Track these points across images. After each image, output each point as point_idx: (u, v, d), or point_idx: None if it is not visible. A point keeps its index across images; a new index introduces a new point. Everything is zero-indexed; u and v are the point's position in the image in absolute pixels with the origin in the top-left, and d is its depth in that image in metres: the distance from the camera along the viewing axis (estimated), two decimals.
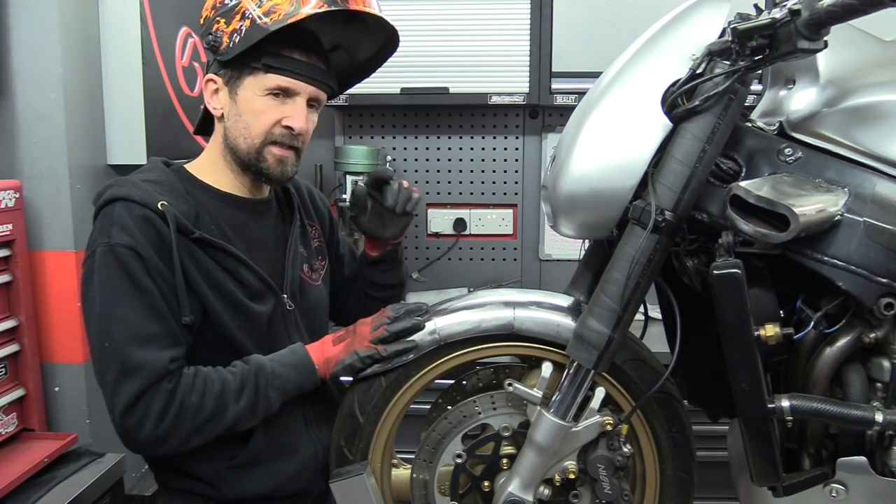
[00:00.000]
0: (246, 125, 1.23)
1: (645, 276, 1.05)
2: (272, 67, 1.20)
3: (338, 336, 1.24)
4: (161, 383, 1.11)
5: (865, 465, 1.03)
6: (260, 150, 1.24)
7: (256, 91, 1.22)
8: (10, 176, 1.51)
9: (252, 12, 1.17)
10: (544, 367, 1.16)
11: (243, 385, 1.16)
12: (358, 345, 1.20)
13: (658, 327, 1.26)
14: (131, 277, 1.12)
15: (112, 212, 1.15)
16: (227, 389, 1.15)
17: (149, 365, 1.10)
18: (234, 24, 1.18)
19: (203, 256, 1.19)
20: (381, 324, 1.21)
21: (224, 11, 1.20)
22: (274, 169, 1.25)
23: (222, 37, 1.19)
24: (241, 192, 1.30)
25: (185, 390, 1.13)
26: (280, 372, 1.19)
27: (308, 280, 1.38)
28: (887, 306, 0.99)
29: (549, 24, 2.35)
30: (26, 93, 1.50)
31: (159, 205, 1.15)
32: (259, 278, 1.25)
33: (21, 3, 1.48)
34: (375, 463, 1.25)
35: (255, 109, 1.22)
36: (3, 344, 1.49)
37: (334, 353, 1.21)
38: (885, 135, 1.03)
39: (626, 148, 1.06)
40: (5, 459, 1.47)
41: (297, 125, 1.23)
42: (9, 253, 1.49)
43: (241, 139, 1.24)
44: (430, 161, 2.67)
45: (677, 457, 1.21)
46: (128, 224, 1.13)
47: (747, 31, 0.96)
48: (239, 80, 1.23)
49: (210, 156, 1.31)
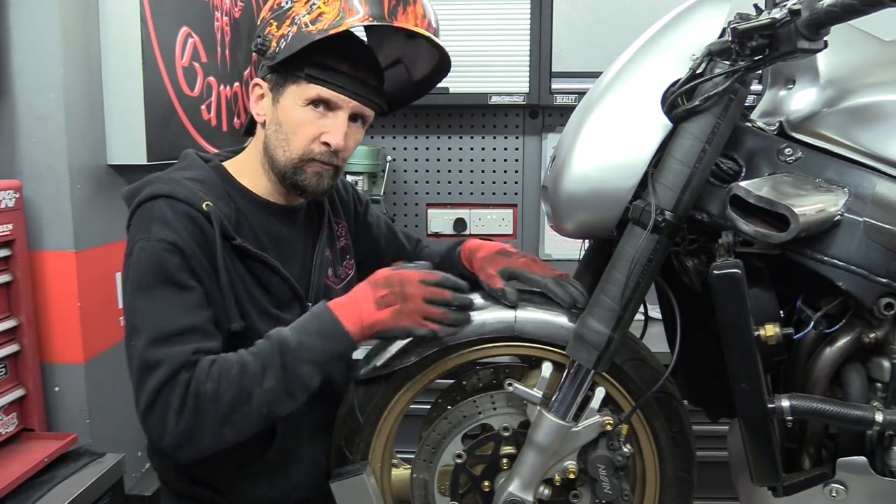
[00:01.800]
0: (286, 137, 1.20)
1: (645, 276, 1.05)
2: (314, 78, 1.17)
3: (381, 296, 1.10)
4: (179, 375, 1.04)
5: (865, 465, 1.03)
6: (299, 165, 1.21)
7: (297, 101, 1.18)
8: (10, 176, 1.51)
9: (300, 18, 1.14)
10: (544, 367, 1.16)
11: (266, 365, 1.06)
12: (409, 319, 1.09)
13: (658, 327, 1.26)
14: (166, 273, 1.08)
15: (153, 208, 1.11)
16: (246, 372, 1.06)
17: (168, 359, 1.04)
18: (283, 28, 1.16)
19: (238, 263, 1.17)
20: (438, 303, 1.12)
21: (278, 14, 1.17)
22: (310, 181, 1.22)
23: (271, 41, 1.17)
24: (276, 198, 1.28)
25: (200, 377, 1.05)
26: (307, 342, 1.08)
27: (331, 284, 1.36)
28: (887, 306, 0.99)
29: (549, 24, 2.35)
30: (26, 93, 1.50)
31: (204, 205, 1.12)
32: (289, 287, 1.23)
33: (21, 3, 1.48)
34: (375, 463, 1.25)
35: (294, 120, 1.19)
36: (3, 344, 1.49)
37: (380, 319, 1.10)
38: (885, 135, 1.04)
39: (626, 148, 1.06)
40: (5, 459, 1.47)
41: (335, 141, 1.19)
42: (9, 253, 1.48)
43: (279, 151, 1.21)
44: (430, 161, 2.67)
45: (677, 457, 1.21)
46: (169, 220, 1.10)
47: (747, 31, 0.96)
48: (282, 87, 1.20)
49: (249, 159, 1.28)
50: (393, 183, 2.66)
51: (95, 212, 1.61)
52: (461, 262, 1.37)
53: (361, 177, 2.40)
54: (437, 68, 1.34)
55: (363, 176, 2.40)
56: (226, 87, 2.11)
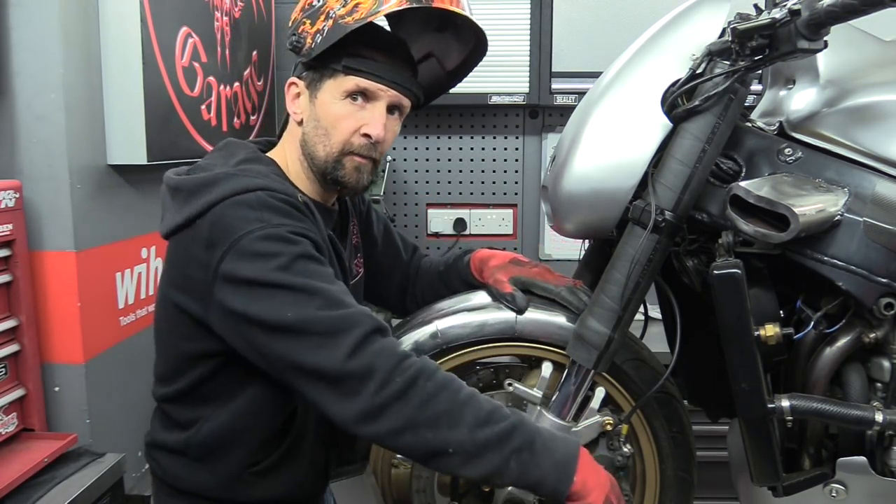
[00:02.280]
0: (325, 132, 1.19)
1: (645, 276, 1.05)
2: (351, 69, 1.16)
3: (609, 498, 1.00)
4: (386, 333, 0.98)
5: (865, 465, 1.03)
6: (339, 159, 1.19)
7: (335, 94, 1.17)
8: (10, 176, 1.50)
9: (335, 12, 1.13)
10: (544, 367, 1.16)
11: (494, 419, 0.97)
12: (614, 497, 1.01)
13: (658, 327, 1.26)
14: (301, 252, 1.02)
15: (252, 200, 1.05)
16: (472, 406, 0.96)
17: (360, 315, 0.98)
18: (318, 24, 1.15)
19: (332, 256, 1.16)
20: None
21: (311, 13, 1.17)
22: (351, 176, 1.20)
23: (306, 38, 1.16)
24: (318, 198, 1.26)
25: (425, 371, 0.96)
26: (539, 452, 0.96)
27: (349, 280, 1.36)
28: (887, 306, 0.99)
29: (549, 24, 2.35)
30: (26, 93, 1.50)
31: (299, 197, 1.11)
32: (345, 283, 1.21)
33: (21, 3, 1.48)
34: (375, 463, 1.25)
35: (333, 115, 1.18)
36: (3, 344, 1.48)
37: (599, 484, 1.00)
38: (885, 135, 1.04)
39: (626, 148, 1.06)
40: (5, 459, 1.46)
41: (375, 132, 1.17)
42: (9, 253, 1.48)
43: (319, 146, 1.20)
44: (430, 161, 2.67)
45: (677, 457, 1.21)
46: (282, 209, 1.05)
47: (747, 31, 0.96)
48: (319, 82, 1.19)
49: (289, 157, 1.26)
50: (393, 183, 2.66)
51: (95, 212, 1.61)
52: (470, 272, 1.37)
53: None
54: (472, 54, 1.34)
55: None
56: (226, 87, 2.11)
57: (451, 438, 0.95)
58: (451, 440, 0.95)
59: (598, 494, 0.99)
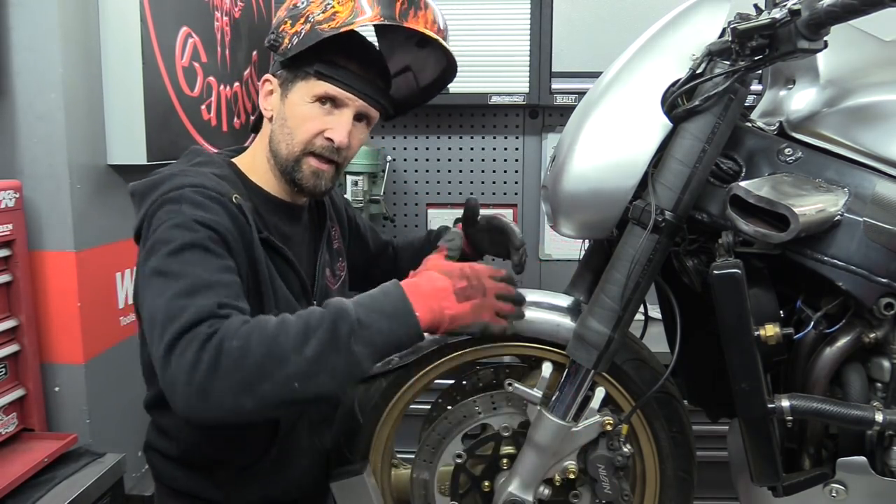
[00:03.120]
0: (290, 131, 1.21)
1: (645, 276, 1.05)
2: (323, 74, 1.18)
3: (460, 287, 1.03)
4: (200, 326, 0.93)
5: (865, 465, 1.03)
6: (299, 158, 1.21)
7: (305, 97, 1.20)
8: (10, 176, 1.51)
9: (314, 17, 1.16)
10: (544, 367, 1.16)
11: (312, 328, 0.93)
12: (488, 314, 1.04)
13: (658, 327, 1.26)
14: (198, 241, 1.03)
15: (181, 196, 1.07)
16: (285, 332, 0.93)
17: (191, 308, 0.94)
18: (297, 26, 1.17)
19: (264, 257, 1.17)
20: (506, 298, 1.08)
21: (294, 13, 1.19)
22: (308, 181, 1.22)
23: (284, 37, 1.19)
24: (283, 196, 1.29)
25: (227, 333, 0.92)
26: (370, 320, 0.96)
27: (329, 284, 1.37)
28: (887, 306, 0.99)
29: (549, 24, 2.35)
30: (26, 93, 1.50)
31: (234, 197, 1.12)
32: (301, 284, 1.24)
33: (21, 3, 1.48)
34: (375, 463, 1.25)
35: (299, 115, 1.20)
36: (3, 344, 1.49)
37: (460, 313, 1.02)
38: (885, 135, 1.04)
39: (626, 148, 1.06)
40: (5, 459, 1.47)
41: (338, 138, 1.20)
42: (9, 253, 1.48)
43: (283, 144, 1.22)
44: (430, 161, 2.67)
45: (677, 457, 1.21)
46: (202, 203, 1.07)
47: (747, 31, 0.96)
48: (292, 83, 1.21)
49: (257, 155, 1.28)
50: (393, 183, 2.66)
51: (95, 212, 1.61)
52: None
53: (361, 177, 2.40)
54: (444, 74, 1.36)
55: (363, 176, 2.40)
56: (226, 87, 2.11)
57: (287, 374, 0.91)
58: (288, 375, 0.91)
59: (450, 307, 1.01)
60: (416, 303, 0.99)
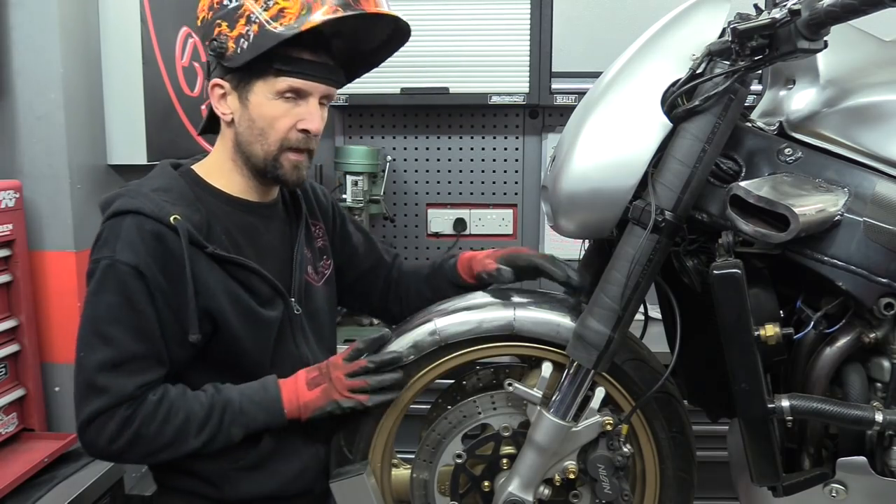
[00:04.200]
0: (261, 131, 1.21)
1: (645, 276, 1.05)
2: (283, 70, 1.17)
3: (311, 378, 1.20)
4: (118, 409, 1.12)
5: (865, 465, 1.03)
6: (277, 156, 1.22)
7: (268, 95, 1.19)
8: (10, 176, 1.51)
9: (258, 16, 1.13)
10: (544, 367, 1.16)
11: (207, 419, 1.16)
12: (336, 394, 1.18)
13: (658, 327, 1.26)
14: (127, 297, 1.12)
15: (121, 225, 1.13)
16: (190, 422, 1.15)
17: (114, 389, 1.11)
18: (238, 28, 1.15)
19: (215, 268, 1.17)
20: (358, 373, 1.18)
21: (224, 14, 1.17)
22: (290, 175, 1.24)
23: (227, 42, 1.16)
24: (251, 195, 1.28)
25: (145, 419, 1.13)
26: (248, 409, 1.17)
27: (311, 282, 1.36)
28: (887, 306, 0.99)
29: (549, 24, 2.35)
30: (26, 93, 1.50)
31: (172, 219, 1.13)
32: (270, 285, 1.24)
33: (21, 3, 1.48)
34: (375, 463, 1.25)
35: (268, 114, 1.20)
36: (3, 344, 1.49)
37: (311, 399, 1.19)
38: (885, 135, 1.04)
39: (626, 148, 1.06)
40: (5, 459, 1.47)
41: (313, 126, 1.21)
42: (9, 253, 1.49)
43: (257, 146, 1.22)
44: (430, 161, 2.67)
45: (677, 457, 1.21)
46: (135, 241, 1.12)
47: (747, 31, 0.96)
48: (249, 84, 1.20)
49: (218, 158, 1.28)
50: (393, 183, 2.66)
51: (95, 212, 1.61)
52: (457, 272, 1.41)
53: (361, 177, 2.40)
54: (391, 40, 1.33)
55: (363, 176, 2.40)
56: None
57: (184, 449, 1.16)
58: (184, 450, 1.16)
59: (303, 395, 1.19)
60: (284, 396, 1.19)
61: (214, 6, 1.19)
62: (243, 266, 1.21)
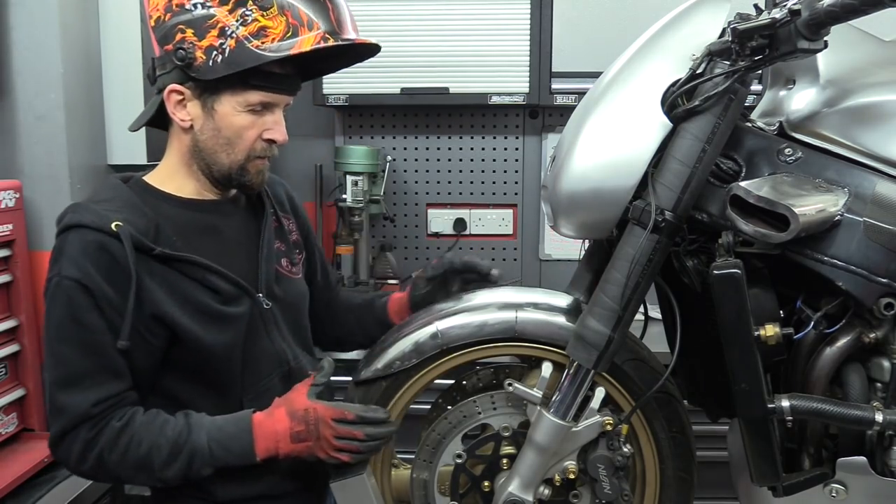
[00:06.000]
0: (228, 141, 1.20)
1: (645, 276, 1.05)
2: (258, 85, 1.17)
3: (296, 431, 1.15)
4: (80, 429, 1.12)
5: (865, 465, 1.03)
6: (244, 164, 1.22)
7: (236, 107, 1.18)
8: (10, 176, 1.51)
9: (235, 31, 1.11)
10: (544, 367, 1.16)
11: (174, 457, 1.14)
12: (322, 452, 1.16)
13: (658, 327, 1.26)
14: (73, 313, 1.12)
15: (65, 241, 1.14)
16: (152, 457, 1.14)
17: (69, 409, 1.12)
18: (209, 39, 1.12)
19: (167, 271, 1.16)
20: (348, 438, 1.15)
21: (188, 21, 1.13)
22: (255, 180, 1.25)
23: (194, 51, 1.13)
24: (206, 195, 1.27)
25: (107, 445, 1.13)
26: (218, 455, 1.16)
27: (288, 274, 1.35)
28: (887, 306, 0.99)
29: (549, 24, 2.35)
30: (26, 93, 1.51)
31: (113, 225, 1.11)
32: (230, 282, 1.22)
33: (21, 3, 1.48)
34: (375, 463, 1.25)
35: (236, 125, 1.19)
36: (3, 344, 1.49)
37: (291, 451, 1.17)
38: (885, 135, 1.04)
39: (626, 148, 1.06)
40: (5, 459, 1.47)
41: (281, 138, 1.22)
42: (9, 253, 1.49)
43: (222, 155, 1.21)
44: (430, 161, 2.67)
45: (677, 457, 1.21)
46: (76, 255, 1.12)
47: (747, 31, 0.96)
48: (216, 95, 1.18)
49: (170, 164, 1.27)
50: (393, 183, 2.66)
51: None
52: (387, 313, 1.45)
53: (361, 177, 2.40)
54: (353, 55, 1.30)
55: (363, 176, 2.40)
56: None
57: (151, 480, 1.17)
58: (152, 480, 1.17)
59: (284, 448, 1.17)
60: (258, 442, 1.16)
61: (173, 8, 1.15)
62: (197, 264, 1.19)
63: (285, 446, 1.16)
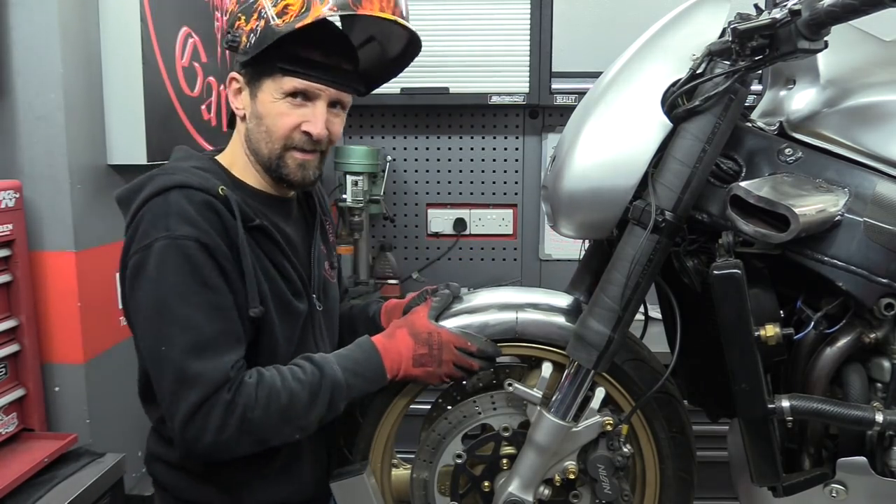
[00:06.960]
0: (266, 129, 1.19)
1: (645, 277, 1.05)
2: (288, 70, 1.15)
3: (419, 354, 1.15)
4: (220, 393, 1.05)
5: (865, 466, 1.03)
6: (281, 155, 1.19)
7: (274, 94, 1.17)
8: (10, 176, 1.51)
9: (267, 11, 1.11)
10: (544, 367, 1.16)
11: (315, 396, 1.10)
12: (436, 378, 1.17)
13: (658, 327, 1.26)
14: (196, 272, 1.06)
15: (167, 201, 1.08)
16: (294, 404, 1.09)
17: (208, 374, 1.05)
18: (252, 22, 1.13)
19: (255, 247, 1.15)
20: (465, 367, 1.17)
21: (244, 8, 1.15)
22: (295, 174, 1.21)
23: (241, 35, 1.15)
24: (269, 190, 1.26)
25: (247, 402, 1.06)
26: (353, 384, 1.14)
27: (328, 278, 1.35)
28: (887, 306, 0.99)
29: (549, 24, 2.35)
30: (26, 93, 1.50)
31: (220, 189, 1.10)
32: (299, 276, 1.22)
33: (21, 3, 1.48)
34: (375, 463, 1.25)
35: (273, 113, 1.17)
36: (3, 344, 1.49)
37: (414, 375, 1.17)
38: (885, 135, 1.04)
39: (626, 148, 1.06)
40: (5, 459, 1.47)
41: (315, 130, 1.18)
42: (9, 253, 1.49)
43: (262, 143, 1.20)
44: (430, 161, 2.67)
45: (677, 457, 1.21)
46: (189, 212, 1.07)
47: (747, 31, 0.96)
48: (258, 81, 1.18)
49: (236, 153, 1.26)
50: (393, 183, 2.66)
51: (95, 212, 1.61)
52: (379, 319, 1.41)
53: (361, 177, 2.40)
54: (408, 48, 1.30)
55: (363, 176, 2.40)
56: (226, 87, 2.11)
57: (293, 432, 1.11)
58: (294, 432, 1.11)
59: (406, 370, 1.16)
60: (388, 366, 1.16)
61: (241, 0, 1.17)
62: (281, 249, 1.19)
63: (406, 369, 1.16)
